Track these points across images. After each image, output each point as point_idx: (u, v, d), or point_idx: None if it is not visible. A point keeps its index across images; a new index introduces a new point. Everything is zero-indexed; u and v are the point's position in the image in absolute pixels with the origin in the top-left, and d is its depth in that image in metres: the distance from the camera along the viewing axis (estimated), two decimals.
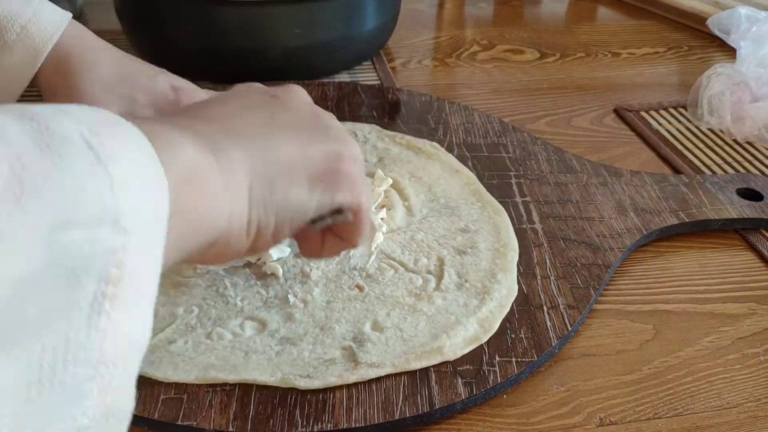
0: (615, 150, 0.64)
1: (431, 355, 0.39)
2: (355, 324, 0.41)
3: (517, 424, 0.37)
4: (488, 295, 0.43)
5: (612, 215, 0.51)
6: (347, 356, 0.39)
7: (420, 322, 0.41)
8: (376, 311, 0.42)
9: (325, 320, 0.41)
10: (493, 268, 0.45)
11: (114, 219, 0.19)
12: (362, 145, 0.58)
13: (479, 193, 0.53)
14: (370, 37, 0.76)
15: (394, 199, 0.51)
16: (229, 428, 0.35)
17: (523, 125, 0.66)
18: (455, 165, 0.56)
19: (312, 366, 0.38)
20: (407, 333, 0.40)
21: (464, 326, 0.41)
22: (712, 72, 0.65)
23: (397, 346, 0.39)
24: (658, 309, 0.45)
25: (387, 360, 0.38)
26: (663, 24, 0.94)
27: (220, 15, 0.68)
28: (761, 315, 0.45)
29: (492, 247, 0.47)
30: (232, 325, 0.40)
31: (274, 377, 0.37)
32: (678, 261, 0.50)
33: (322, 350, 0.39)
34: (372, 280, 0.44)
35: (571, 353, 0.42)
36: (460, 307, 0.42)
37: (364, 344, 0.39)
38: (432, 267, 0.45)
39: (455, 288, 0.44)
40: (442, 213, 0.50)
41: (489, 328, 0.41)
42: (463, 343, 0.40)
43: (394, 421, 0.36)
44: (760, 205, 0.53)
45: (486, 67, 0.80)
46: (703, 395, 0.39)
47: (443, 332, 0.40)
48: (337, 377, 0.37)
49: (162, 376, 0.37)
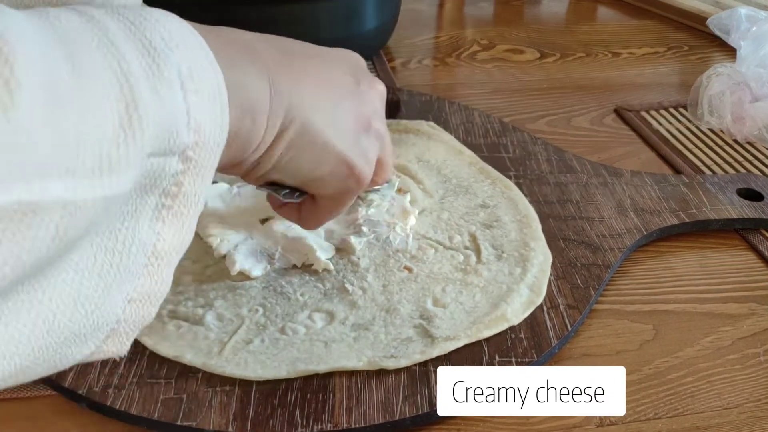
0: (615, 150, 0.64)
1: (498, 323, 0.41)
2: (417, 303, 0.42)
3: (517, 424, 0.37)
4: (528, 262, 0.45)
5: (612, 215, 0.51)
6: (421, 333, 0.40)
7: (475, 293, 0.43)
8: (432, 289, 0.43)
9: (387, 303, 0.42)
10: (523, 238, 0.48)
11: (183, 150, 0.24)
12: None
13: (486, 171, 0.55)
14: (370, 37, 0.76)
15: (409, 183, 0.53)
16: (228, 428, 0.35)
17: (523, 125, 0.66)
18: (457, 146, 0.58)
19: (392, 347, 0.39)
20: (468, 305, 0.42)
21: (518, 292, 0.43)
22: (712, 72, 0.65)
23: (463, 318, 0.41)
24: (658, 309, 0.45)
25: (460, 332, 0.40)
26: (663, 24, 0.94)
27: (220, 15, 0.68)
28: (761, 315, 0.45)
29: (515, 219, 0.50)
30: (301, 318, 0.41)
31: (362, 362, 0.38)
32: (678, 261, 0.50)
33: (396, 331, 0.40)
34: (417, 261, 0.46)
35: (571, 353, 0.42)
36: (506, 276, 0.44)
37: (432, 320, 0.41)
38: (467, 243, 0.47)
39: (495, 259, 0.46)
40: (458, 192, 0.53)
41: (539, 291, 0.43)
42: (521, 307, 0.42)
43: (394, 421, 0.36)
44: (760, 205, 0.53)
45: (486, 67, 0.80)
46: (703, 395, 0.39)
47: (501, 300, 0.42)
48: (420, 353, 0.38)
49: (253, 375, 0.37)
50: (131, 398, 0.36)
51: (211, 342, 0.39)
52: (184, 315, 0.41)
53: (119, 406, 0.35)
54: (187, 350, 0.38)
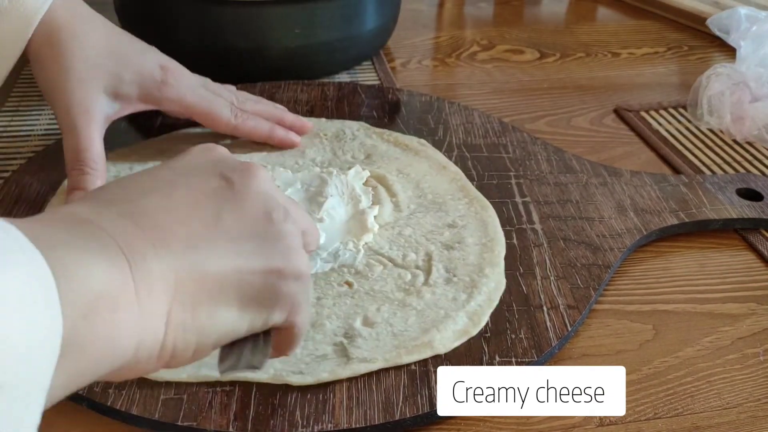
0: (615, 150, 0.64)
1: (422, 349, 0.39)
2: (345, 320, 0.41)
3: (517, 424, 0.37)
4: (476, 288, 0.43)
5: (612, 215, 0.51)
6: (339, 352, 0.39)
7: (410, 316, 0.41)
8: (366, 307, 0.42)
9: (315, 317, 0.41)
10: (480, 263, 0.45)
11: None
12: (350, 142, 0.58)
13: (466, 189, 0.53)
14: (370, 37, 0.76)
15: (382, 195, 0.52)
16: (229, 429, 0.35)
17: (523, 125, 0.66)
18: (442, 161, 0.56)
19: (304, 362, 0.38)
20: (397, 328, 0.40)
21: (453, 320, 0.41)
22: (712, 72, 0.65)
23: (387, 341, 0.39)
24: (657, 309, 0.45)
25: (378, 355, 0.38)
26: (663, 24, 0.94)
27: (220, 15, 0.68)
28: (761, 315, 0.45)
29: (479, 242, 0.47)
30: None
31: (267, 374, 0.37)
32: (678, 261, 0.50)
33: (314, 346, 0.39)
34: (361, 276, 0.44)
35: (571, 353, 0.42)
36: (449, 302, 0.42)
37: (354, 340, 0.39)
38: (420, 262, 0.46)
39: (444, 282, 0.44)
40: (429, 208, 0.51)
41: (478, 321, 0.41)
42: (453, 336, 0.40)
43: (394, 422, 0.36)
44: (760, 205, 0.53)
45: (486, 67, 0.80)
46: (703, 395, 0.39)
47: (433, 326, 0.40)
48: (328, 373, 0.37)
49: (155, 376, 0.37)
50: (132, 398, 0.36)
51: None
52: None
53: (120, 407, 0.36)
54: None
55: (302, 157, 0.57)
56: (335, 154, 0.57)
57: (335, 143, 0.58)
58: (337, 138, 0.59)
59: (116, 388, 0.37)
